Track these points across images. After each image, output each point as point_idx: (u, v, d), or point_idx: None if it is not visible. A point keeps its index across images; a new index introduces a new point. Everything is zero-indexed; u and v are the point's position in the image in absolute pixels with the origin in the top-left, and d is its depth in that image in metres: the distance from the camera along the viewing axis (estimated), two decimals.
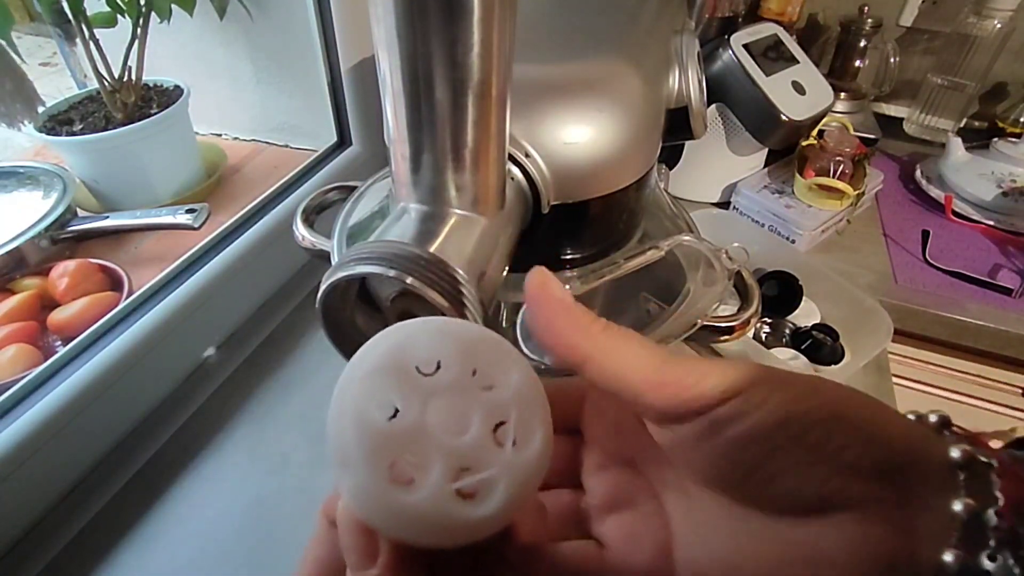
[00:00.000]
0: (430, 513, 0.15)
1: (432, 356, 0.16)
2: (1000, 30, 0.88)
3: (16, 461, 0.42)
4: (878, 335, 0.57)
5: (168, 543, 0.44)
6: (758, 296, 0.33)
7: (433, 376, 0.16)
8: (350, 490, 0.15)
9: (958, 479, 0.16)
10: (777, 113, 0.70)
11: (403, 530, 0.15)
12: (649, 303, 0.36)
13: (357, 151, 0.77)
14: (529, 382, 0.17)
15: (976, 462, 0.16)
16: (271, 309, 0.64)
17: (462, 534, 0.15)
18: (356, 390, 0.16)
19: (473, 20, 0.18)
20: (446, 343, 0.16)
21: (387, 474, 0.15)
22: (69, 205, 0.63)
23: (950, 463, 0.16)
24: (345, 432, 0.15)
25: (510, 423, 0.16)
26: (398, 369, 0.16)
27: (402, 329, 0.17)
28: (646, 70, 0.31)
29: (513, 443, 0.16)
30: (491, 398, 0.16)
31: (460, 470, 0.15)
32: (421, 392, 0.16)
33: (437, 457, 0.15)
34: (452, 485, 0.15)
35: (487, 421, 0.16)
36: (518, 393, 0.16)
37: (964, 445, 0.16)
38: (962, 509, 0.15)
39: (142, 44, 0.67)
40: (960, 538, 0.15)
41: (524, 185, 0.27)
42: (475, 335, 0.17)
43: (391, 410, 0.15)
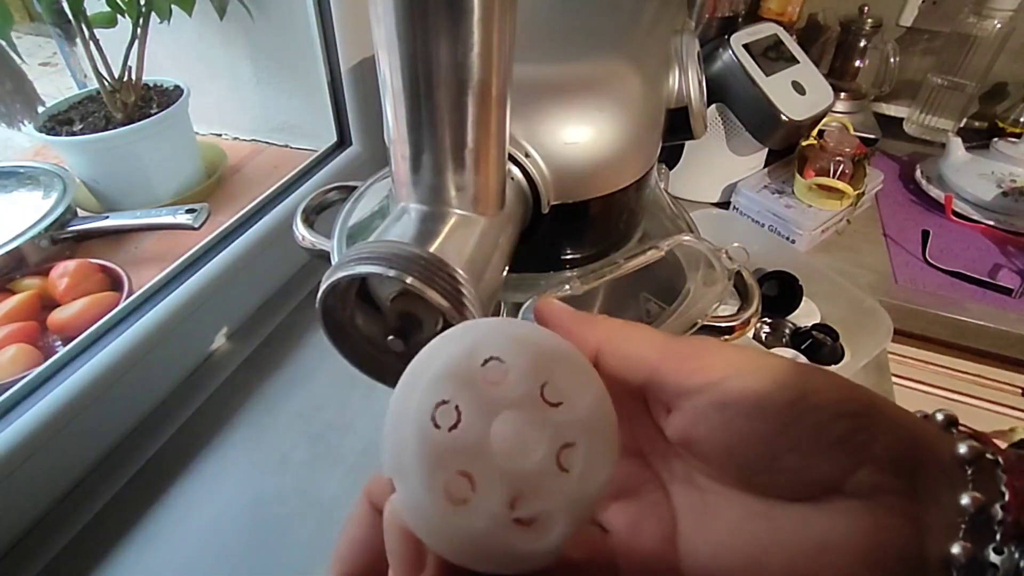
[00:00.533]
0: (483, 540, 0.14)
1: (503, 364, 0.15)
2: (1000, 30, 0.88)
3: (16, 461, 0.42)
4: (878, 335, 0.57)
5: (168, 543, 0.44)
6: (758, 296, 0.33)
7: (502, 387, 0.15)
8: (402, 500, 0.14)
9: (966, 474, 0.16)
10: (777, 113, 0.70)
11: (452, 552, 0.14)
12: (649, 303, 0.36)
13: (357, 151, 0.77)
14: (602, 404, 0.16)
15: (983, 458, 0.16)
16: (271, 309, 0.64)
17: (513, 564, 0.14)
18: (420, 395, 0.15)
19: (473, 20, 0.18)
20: (519, 351, 0.15)
21: (443, 489, 0.14)
22: (69, 205, 0.63)
23: (958, 459, 0.16)
24: (405, 437, 0.14)
25: (578, 450, 0.15)
26: (466, 376, 0.15)
27: (472, 331, 0.16)
28: (646, 70, 0.31)
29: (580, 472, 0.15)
30: (560, 418, 0.15)
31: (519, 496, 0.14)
32: (488, 404, 0.15)
33: (497, 479, 0.14)
34: (510, 513, 0.14)
35: (553, 444, 0.15)
36: (589, 416, 0.15)
37: (972, 442, 0.16)
38: (970, 503, 0.15)
39: (142, 44, 0.67)
40: (967, 531, 0.15)
41: (524, 185, 0.27)
42: (550, 345, 0.16)
43: (454, 420, 0.14)
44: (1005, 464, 0.16)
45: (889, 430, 0.16)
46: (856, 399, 0.17)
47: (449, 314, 0.20)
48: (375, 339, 0.24)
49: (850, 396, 0.17)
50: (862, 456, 0.16)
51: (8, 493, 0.42)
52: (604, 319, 0.20)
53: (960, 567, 0.15)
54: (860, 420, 0.16)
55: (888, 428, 0.16)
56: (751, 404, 0.17)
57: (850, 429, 0.16)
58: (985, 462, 0.16)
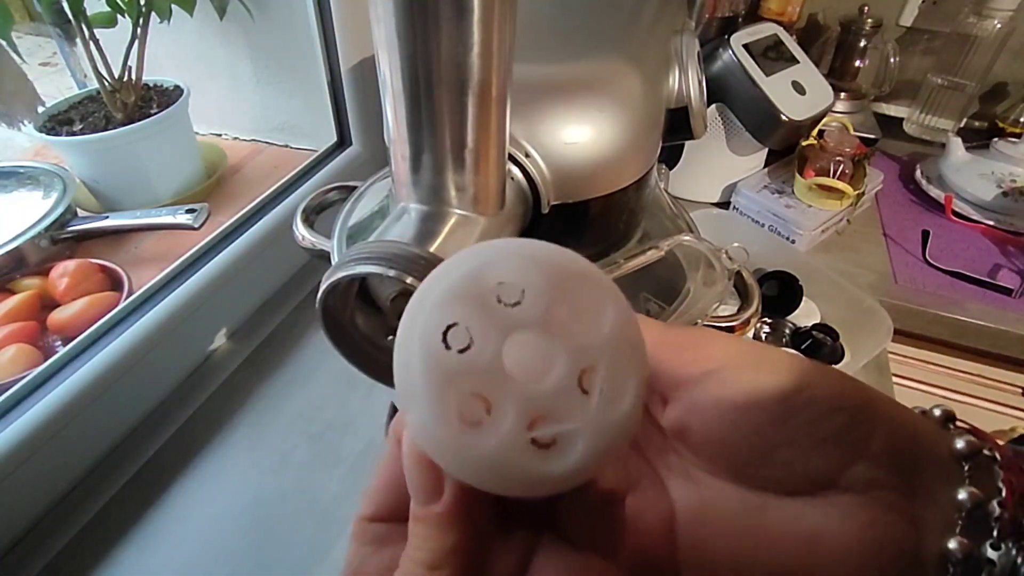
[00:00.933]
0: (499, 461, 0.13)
1: (517, 284, 0.14)
2: (1000, 30, 0.88)
3: (16, 461, 0.42)
4: (878, 335, 0.57)
5: (168, 542, 0.44)
6: (758, 296, 0.33)
7: (516, 308, 0.14)
8: (414, 425, 0.14)
9: (963, 470, 0.16)
10: (777, 113, 0.70)
11: (468, 474, 0.14)
12: (649, 303, 0.36)
13: (357, 151, 0.77)
14: (626, 324, 0.14)
15: (980, 454, 0.16)
16: (271, 309, 0.64)
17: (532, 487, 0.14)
18: (426, 317, 0.14)
19: (473, 20, 0.18)
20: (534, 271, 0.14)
21: (455, 412, 0.13)
22: (69, 205, 0.63)
23: (955, 454, 0.16)
24: (411, 362, 0.13)
25: (599, 371, 0.14)
26: (476, 296, 0.14)
27: (484, 251, 0.14)
28: (646, 70, 0.31)
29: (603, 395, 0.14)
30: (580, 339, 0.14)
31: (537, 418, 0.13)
32: (500, 325, 0.14)
33: (512, 400, 0.13)
34: (527, 434, 0.13)
35: (573, 365, 0.14)
36: (612, 336, 0.14)
37: (969, 437, 0.16)
38: (966, 498, 0.15)
39: (142, 44, 0.67)
40: (964, 527, 0.15)
41: (524, 185, 0.27)
42: (568, 263, 0.14)
43: (465, 342, 0.13)
44: (1002, 460, 0.16)
45: (886, 426, 0.16)
46: (853, 394, 0.16)
47: None
48: (375, 339, 0.24)
49: (847, 391, 0.17)
50: (858, 451, 0.16)
51: (8, 493, 0.42)
52: None
53: (957, 563, 0.15)
54: (857, 415, 0.16)
55: (885, 424, 0.16)
56: (747, 396, 0.16)
57: (846, 424, 0.16)
58: (982, 458, 0.16)
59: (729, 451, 0.17)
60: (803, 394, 0.16)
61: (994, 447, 0.16)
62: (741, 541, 0.17)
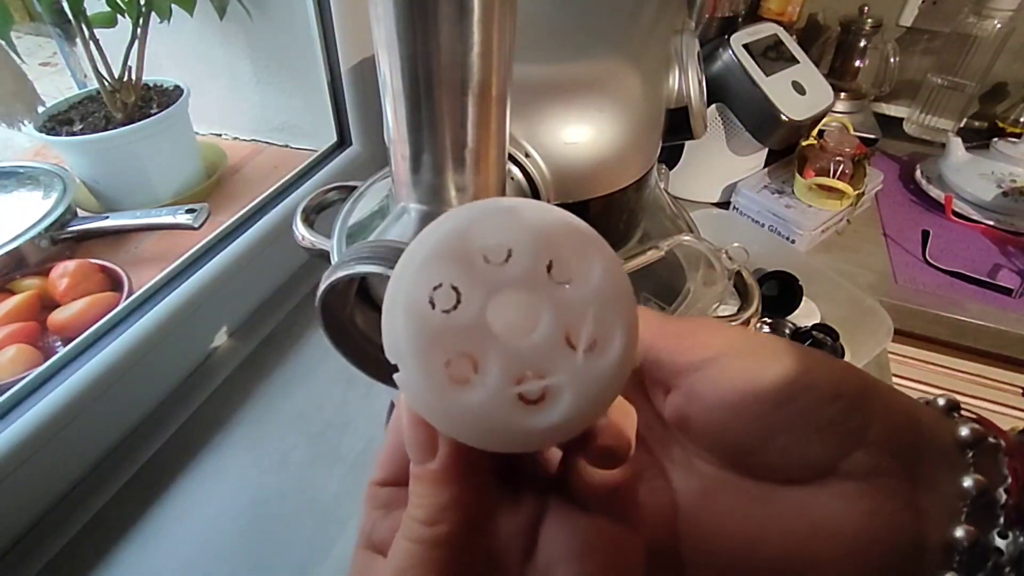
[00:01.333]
0: (486, 417, 0.13)
1: (502, 242, 0.14)
2: (1000, 30, 0.88)
3: (16, 461, 0.42)
4: (878, 335, 0.57)
5: (168, 542, 0.44)
6: (758, 296, 0.33)
7: (501, 266, 0.14)
8: (404, 385, 0.14)
9: (967, 457, 0.16)
10: (777, 113, 0.70)
11: (458, 431, 0.14)
12: (649, 303, 0.36)
13: (357, 151, 0.77)
14: (613, 278, 0.14)
15: (985, 441, 0.16)
16: (271, 309, 0.64)
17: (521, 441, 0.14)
18: (411, 277, 0.14)
19: (473, 20, 0.18)
20: (519, 228, 0.14)
21: (442, 370, 0.13)
22: (69, 205, 0.63)
23: (959, 442, 0.16)
24: (397, 323, 0.14)
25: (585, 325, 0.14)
26: (461, 255, 0.14)
27: (469, 211, 0.15)
28: (646, 70, 0.31)
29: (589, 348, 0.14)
30: (567, 295, 0.14)
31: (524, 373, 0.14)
32: (486, 284, 0.14)
33: (498, 357, 0.14)
34: (513, 389, 0.13)
35: (559, 321, 0.14)
36: (599, 290, 0.14)
37: (974, 425, 0.16)
38: (972, 485, 0.15)
39: (142, 44, 0.67)
40: (970, 515, 0.15)
41: (524, 185, 0.27)
42: (554, 220, 0.14)
43: (451, 302, 0.14)
44: (1007, 447, 0.16)
45: (886, 413, 0.16)
46: (853, 381, 0.16)
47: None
48: (375, 338, 0.24)
49: (847, 378, 0.16)
50: (858, 438, 0.16)
51: (8, 493, 0.42)
52: None
53: (963, 551, 0.15)
54: (856, 402, 0.16)
55: (885, 411, 0.16)
56: (745, 383, 0.16)
57: (845, 410, 0.16)
58: (987, 445, 0.16)
59: (729, 438, 0.17)
60: (802, 381, 0.16)
61: (999, 435, 0.16)
62: (743, 530, 0.17)
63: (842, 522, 0.16)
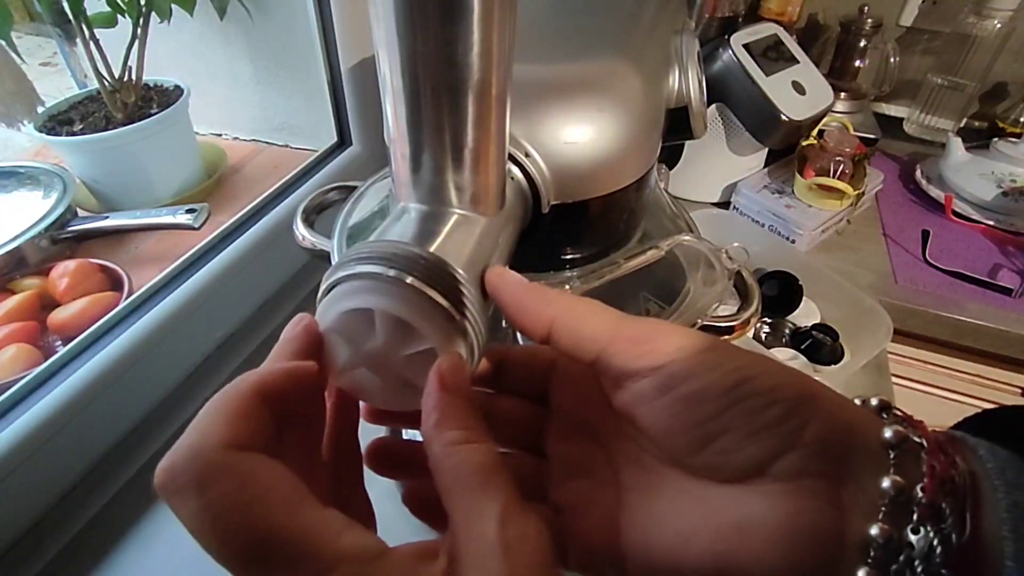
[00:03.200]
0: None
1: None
2: (1000, 30, 0.88)
3: (16, 461, 0.42)
4: (878, 335, 0.57)
5: (167, 543, 0.44)
6: (758, 296, 0.33)
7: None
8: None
9: (889, 458, 0.17)
10: (777, 113, 0.70)
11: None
12: (649, 303, 0.36)
13: (357, 151, 0.77)
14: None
15: (908, 442, 0.17)
16: (271, 309, 0.64)
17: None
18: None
19: (473, 19, 0.18)
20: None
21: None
22: (69, 205, 0.63)
23: (883, 443, 0.17)
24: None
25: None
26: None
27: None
28: (646, 70, 0.31)
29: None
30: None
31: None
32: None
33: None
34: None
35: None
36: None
37: (898, 426, 0.17)
38: (890, 486, 0.16)
39: (142, 44, 0.67)
40: (887, 513, 0.16)
41: (524, 185, 0.27)
42: None
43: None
44: (929, 447, 0.17)
45: (821, 417, 0.17)
46: (791, 387, 0.17)
47: (450, 314, 0.20)
48: None
49: (786, 383, 0.18)
50: (790, 441, 0.17)
51: (8, 493, 0.42)
52: (559, 295, 0.20)
53: (878, 547, 0.16)
54: (793, 407, 0.17)
55: (820, 415, 0.17)
56: (690, 389, 0.18)
57: (782, 415, 0.17)
58: (910, 445, 0.17)
59: (671, 440, 0.19)
60: (741, 388, 0.17)
61: (924, 435, 0.17)
62: (679, 525, 0.19)
63: (768, 520, 0.17)
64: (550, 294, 0.20)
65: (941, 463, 0.16)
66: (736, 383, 0.17)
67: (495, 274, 0.21)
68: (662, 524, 0.19)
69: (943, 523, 0.16)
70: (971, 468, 0.17)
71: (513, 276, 0.21)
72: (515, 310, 0.21)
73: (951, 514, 0.16)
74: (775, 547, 0.17)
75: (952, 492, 0.16)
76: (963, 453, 0.17)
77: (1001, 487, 0.16)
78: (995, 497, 0.16)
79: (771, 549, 0.17)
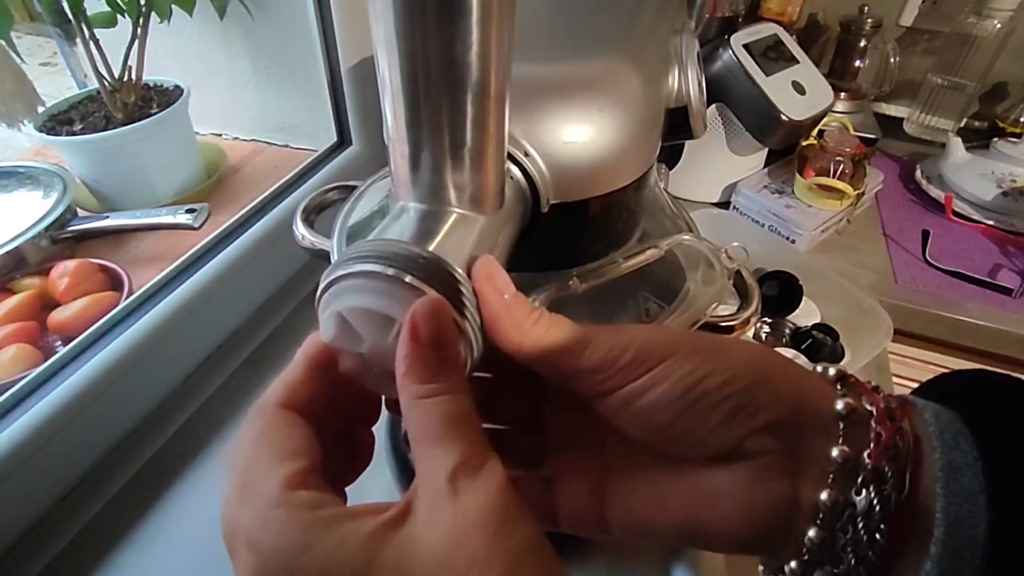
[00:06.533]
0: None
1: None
2: (1000, 30, 0.88)
3: (16, 461, 0.42)
4: (878, 335, 0.56)
5: (168, 544, 0.44)
6: (758, 296, 0.33)
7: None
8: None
9: (839, 428, 0.18)
10: (777, 113, 0.70)
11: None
12: (649, 302, 0.36)
13: (357, 151, 0.77)
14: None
15: (858, 411, 0.19)
16: (271, 309, 0.64)
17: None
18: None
19: (472, 19, 0.18)
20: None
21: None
22: (69, 205, 0.63)
23: (834, 415, 0.19)
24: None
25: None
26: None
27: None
28: (646, 70, 0.31)
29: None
30: None
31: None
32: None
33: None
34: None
35: None
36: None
37: (848, 398, 0.19)
38: (838, 455, 0.18)
39: (142, 44, 0.67)
40: (835, 479, 0.18)
41: (523, 184, 0.27)
42: None
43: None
44: (878, 415, 0.18)
45: (771, 401, 0.19)
46: (743, 376, 0.19)
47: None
48: None
49: (736, 376, 0.19)
50: (746, 429, 0.19)
51: (8, 493, 0.42)
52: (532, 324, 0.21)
53: (826, 509, 0.18)
54: (743, 397, 0.19)
55: (770, 399, 0.19)
56: (647, 402, 0.19)
57: (733, 409, 0.19)
58: (860, 414, 0.18)
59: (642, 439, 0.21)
60: (691, 394, 0.19)
61: (873, 402, 0.19)
62: (655, 493, 0.21)
63: (729, 491, 0.19)
64: (524, 320, 0.21)
65: (887, 430, 0.18)
66: (686, 389, 0.19)
67: (483, 276, 0.21)
68: (641, 491, 0.21)
69: (884, 485, 0.17)
70: (915, 432, 0.18)
71: (498, 283, 0.21)
72: (489, 326, 0.21)
73: (892, 476, 0.17)
74: (738, 513, 0.19)
75: (895, 456, 0.18)
76: (911, 417, 0.19)
77: (939, 448, 0.17)
78: (932, 457, 0.17)
79: (735, 515, 0.19)
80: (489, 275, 0.21)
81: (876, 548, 0.17)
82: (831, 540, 0.18)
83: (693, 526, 0.20)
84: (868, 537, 0.17)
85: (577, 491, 0.23)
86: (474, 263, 0.22)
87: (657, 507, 0.21)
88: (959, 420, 0.18)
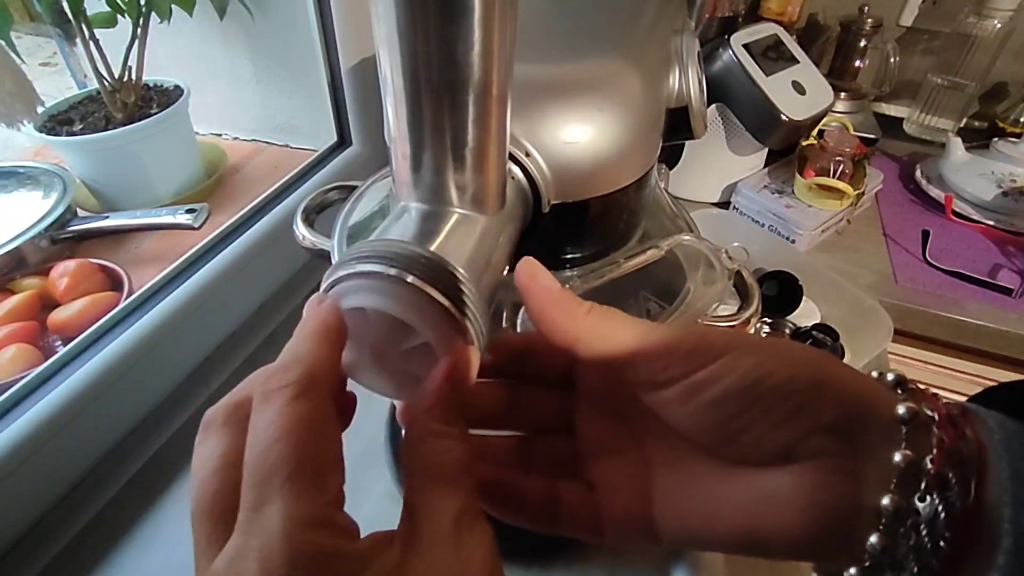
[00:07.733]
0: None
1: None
2: (1000, 30, 0.88)
3: (16, 461, 0.42)
4: (878, 335, 0.57)
5: (168, 544, 0.44)
6: (758, 296, 0.33)
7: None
8: None
9: (901, 433, 0.18)
10: (777, 113, 0.70)
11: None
12: (649, 302, 0.36)
13: (357, 151, 0.77)
14: None
15: (920, 416, 0.18)
16: (271, 309, 0.64)
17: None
18: None
19: (474, 19, 0.18)
20: None
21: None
22: (69, 205, 0.63)
23: (896, 418, 0.18)
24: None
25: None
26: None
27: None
28: (646, 70, 0.31)
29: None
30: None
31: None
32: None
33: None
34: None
35: None
36: None
37: (910, 402, 0.18)
38: (900, 460, 0.17)
39: (142, 44, 0.67)
40: (897, 484, 0.17)
41: (524, 184, 0.27)
42: None
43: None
44: (939, 420, 0.18)
45: (835, 400, 0.18)
46: (807, 374, 0.19)
47: (450, 313, 0.20)
48: None
49: (801, 373, 0.19)
50: (810, 427, 0.18)
51: (8, 493, 0.42)
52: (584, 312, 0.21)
53: (888, 515, 0.17)
54: (808, 395, 0.18)
55: (834, 398, 0.18)
56: (712, 395, 0.19)
57: (798, 405, 0.18)
58: (922, 419, 0.18)
59: (698, 437, 0.20)
60: (758, 387, 0.19)
61: (935, 408, 0.18)
62: (709, 498, 0.20)
63: (790, 494, 0.19)
64: (577, 311, 0.21)
65: (950, 435, 0.17)
66: (753, 382, 0.18)
67: (526, 274, 0.21)
68: (693, 498, 0.20)
69: (948, 491, 0.17)
70: (979, 439, 0.18)
71: (543, 280, 0.21)
72: (540, 320, 0.21)
73: (956, 483, 0.17)
74: (800, 518, 0.18)
75: (959, 462, 0.17)
76: (973, 425, 0.18)
77: (1005, 456, 0.17)
78: (999, 466, 0.17)
79: (796, 520, 0.18)
80: (533, 274, 0.21)
81: (940, 556, 0.17)
82: (893, 547, 0.17)
83: (751, 532, 0.19)
84: (932, 544, 0.17)
85: (621, 499, 0.22)
86: (516, 266, 0.22)
87: (710, 513, 0.20)
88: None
